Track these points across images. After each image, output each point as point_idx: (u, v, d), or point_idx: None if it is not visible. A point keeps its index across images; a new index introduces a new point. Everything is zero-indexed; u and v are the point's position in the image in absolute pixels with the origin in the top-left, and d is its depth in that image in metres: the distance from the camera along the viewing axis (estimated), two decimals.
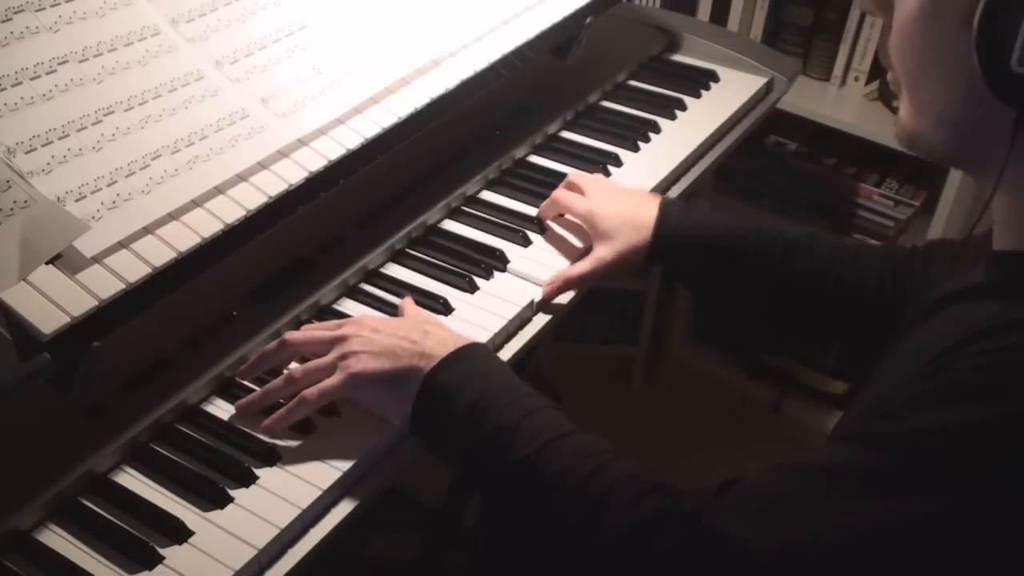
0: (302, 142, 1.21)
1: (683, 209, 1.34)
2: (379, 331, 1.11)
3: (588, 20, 1.62)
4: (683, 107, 1.71)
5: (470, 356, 1.09)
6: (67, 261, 1.00)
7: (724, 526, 0.87)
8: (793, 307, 1.33)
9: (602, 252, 1.33)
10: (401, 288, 1.30)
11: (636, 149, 1.60)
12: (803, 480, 0.86)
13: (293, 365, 1.14)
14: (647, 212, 1.33)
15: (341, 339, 1.11)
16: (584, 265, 1.33)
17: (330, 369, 1.10)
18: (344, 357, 1.09)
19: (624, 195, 1.38)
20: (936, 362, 0.82)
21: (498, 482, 1.04)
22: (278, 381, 1.11)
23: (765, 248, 1.29)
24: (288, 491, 1.04)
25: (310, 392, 1.09)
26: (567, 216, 1.41)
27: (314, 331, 1.14)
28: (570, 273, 1.32)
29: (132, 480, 1.06)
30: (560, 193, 1.41)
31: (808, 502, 0.84)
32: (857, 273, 1.27)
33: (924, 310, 0.97)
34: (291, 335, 1.14)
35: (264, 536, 1.00)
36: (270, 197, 1.15)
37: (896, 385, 0.86)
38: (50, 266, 0.99)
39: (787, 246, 1.29)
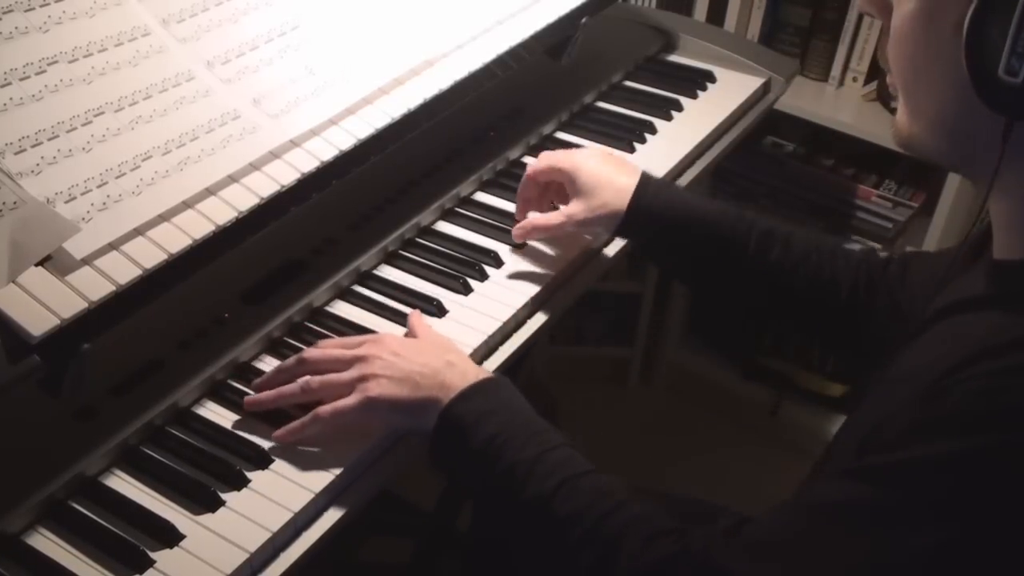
0: (294, 143, 1.20)
1: (662, 185, 1.33)
2: (399, 355, 1.09)
3: (583, 20, 1.62)
4: (679, 108, 1.71)
5: (489, 389, 1.08)
6: (57, 263, 1.00)
7: (734, 569, 0.87)
8: (763, 298, 1.31)
9: (575, 208, 1.32)
10: (395, 290, 1.29)
11: (632, 150, 1.60)
12: (807, 520, 0.86)
13: (311, 377, 1.11)
14: (627, 181, 1.31)
15: (361, 359, 1.09)
16: (559, 215, 1.33)
17: (347, 387, 1.08)
18: (363, 379, 1.08)
19: (608, 159, 1.37)
20: (935, 386, 0.80)
21: (514, 517, 1.04)
22: (294, 387, 1.10)
23: (741, 235, 1.28)
24: (280, 494, 1.04)
25: (324, 410, 1.07)
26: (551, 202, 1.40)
27: (333, 349, 1.12)
28: (539, 220, 1.33)
29: (122, 483, 1.05)
30: (545, 152, 1.39)
31: (814, 543, 0.84)
32: (831, 272, 1.26)
33: (920, 324, 0.96)
34: (309, 352, 1.12)
35: (256, 539, 0.99)
36: (262, 198, 1.14)
37: (893, 408, 0.85)
38: (40, 268, 0.98)
39: (762, 236, 1.28)
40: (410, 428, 1.09)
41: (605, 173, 1.32)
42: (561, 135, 1.64)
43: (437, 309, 1.27)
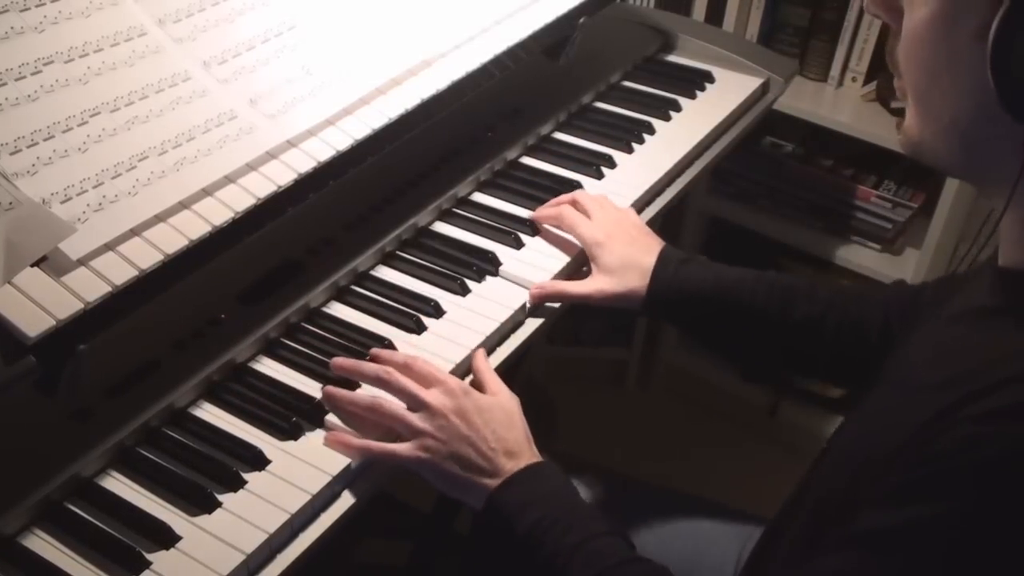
0: (291, 143, 1.20)
1: (681, 261, 1.32)
2: (465, 418, 1.10)
3: (581, 20, 1.62)
4: (678, 108, 1.70)
5: (536, 476, 1.09)
6: (52, 263, 1.00)
7: None
8: (797, 354, 1.31)
9: (605, 284, 1.32)
10: (392, 291, 1.29)
11: (630, 150, 1.59)
12: None
13: (383, 400, 1.13)
14: (649, 260, 1.31)
15: (428, 409, 1.10)
16: (584, 287, 1.32)
17: (406, 430, 1.10)
18: (422, 434, 1.09)
19: (629, 233, 1.36)
20: (926, 430, 0.79)
21: None
22: (366, 401, 1.12)
23: (762, 298, 1.28)
24: (277, 495, 1.03)
25: (378, 448, 1.09)
26: (566, 235, 1.40)
27: (407, 382, 1.13)
28: (566, 288, 1.32)
29: (119, 484, 1.05)
30: (567, 211, 1.39)
31: None
32: (858, 316, 1.25)
33: (925, 330, 0.96)
34: (387, 376, 1.13)
35: (253, 541, 0.99)
36: (258, 199, 1.14)
37: (888, 438, 0.83)
38: (35, 268, 0.99)
39: (784, 293, 1.28)
40: (452, 496, 1.11)
41: (629, 253, 1.33)
42: (559, 135, 1.63)
43: (434, 310, 1.26)
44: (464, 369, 1.22)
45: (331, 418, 1.12)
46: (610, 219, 1.38)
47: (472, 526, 1.10)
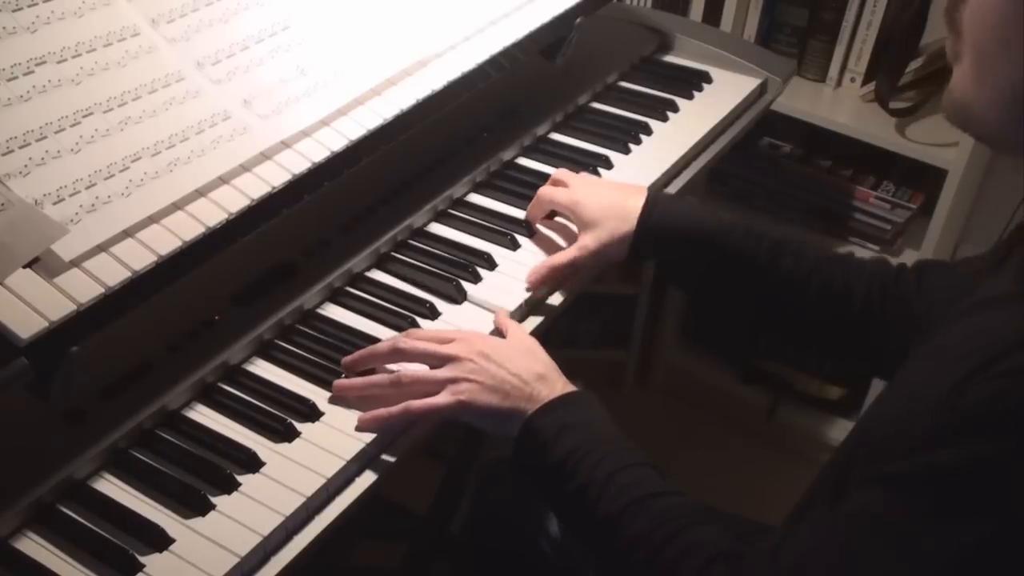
0: (285, 144, 1.19)
1: (671, 201, 1.32)
2: (490, 358, 1.12)
3: (578, 20, 1.61)
4: (675, 109, 1.70)
5: (572, 404, 1.10)
6: (45, 265, 0.99)
7: None
8: (775, 310, 1.32)
9: (586, 240, 1.32)
10: (387, 292, 1.29)
11: (627, 151, 1.59)
12: (846, 533, 0.86)
13: (403, 371, 1.15)
14: (633, 203, 1.31)
15: (453, 359, 1.12)
16: (568, 252, 1.32)
17: (437, 385, 1.11)
18: (455, 381, 1.10)
19: (610, 186, 1.37)
20: (956, 389, 0.80)
21: (584, 531, 1.06)
22: (384, 379, 1.13)
23: (752, 247, 1.28)
24: (271, 498, 1.03)
25: (418, 405, 1.10)
26: (555, 214, 1.40)
27: (425, 344, 1.15)
28: (553, 261, 1.32)
29: (112, 487, 1.04)
30: (543, 189, 1.39)
31: (854, 555, 0.85)
32: (844, 282, 1.26)
33: (949, 318, 0.96)
34: (404, 344, 1.15)
35: (247, 543, 0.99)
36: (252, 200, 1.13)
37: (916, 404, 0.85)
38: (28, 270, 0.98)
39: (773, 248, 1.28)
40: (493, 432, 1.12)
41: (608, 200, 1.32)
42: (555, 136, 1.63)
43: (430, 311, 1.26)
44: None
45: (330, 417, 1.12)
46: (589, 182, 1.39)
47: (512, 457, 1.11)
